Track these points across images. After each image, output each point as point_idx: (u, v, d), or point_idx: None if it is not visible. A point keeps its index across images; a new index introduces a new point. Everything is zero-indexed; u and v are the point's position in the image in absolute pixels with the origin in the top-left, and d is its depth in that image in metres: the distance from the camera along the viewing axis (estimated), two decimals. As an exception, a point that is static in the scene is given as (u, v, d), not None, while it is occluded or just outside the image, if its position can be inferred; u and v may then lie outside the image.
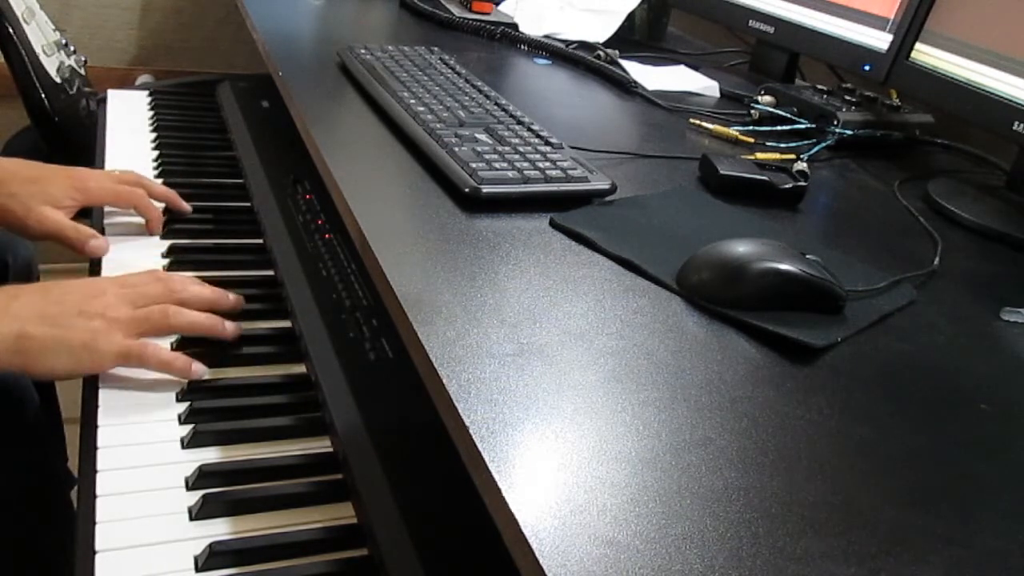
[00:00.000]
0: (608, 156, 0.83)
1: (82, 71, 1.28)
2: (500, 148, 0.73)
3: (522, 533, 0.37)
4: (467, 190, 0.67)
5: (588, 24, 1.29)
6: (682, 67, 1.22)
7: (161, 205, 0.89)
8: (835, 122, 0.97)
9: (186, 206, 0.90)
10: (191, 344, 0.70)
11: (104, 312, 0.65)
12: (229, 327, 0.71)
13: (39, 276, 1.09)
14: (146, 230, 0.86)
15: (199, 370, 0.67)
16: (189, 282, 0.72)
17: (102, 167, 1.02)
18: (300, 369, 0.71)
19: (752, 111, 1.03)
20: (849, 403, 0.50)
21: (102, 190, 0.83)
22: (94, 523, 0.54)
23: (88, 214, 0.87)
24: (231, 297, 0.74)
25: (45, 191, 0.79)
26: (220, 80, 1.31)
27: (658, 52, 1.34)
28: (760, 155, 0.88)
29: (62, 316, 0.64)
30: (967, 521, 0.42)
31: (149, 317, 0.67)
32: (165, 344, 0.69)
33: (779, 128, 0.99)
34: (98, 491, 0.56)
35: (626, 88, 1.09)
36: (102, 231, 0.85)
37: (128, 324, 0.66)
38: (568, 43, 1.23)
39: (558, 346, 0.50)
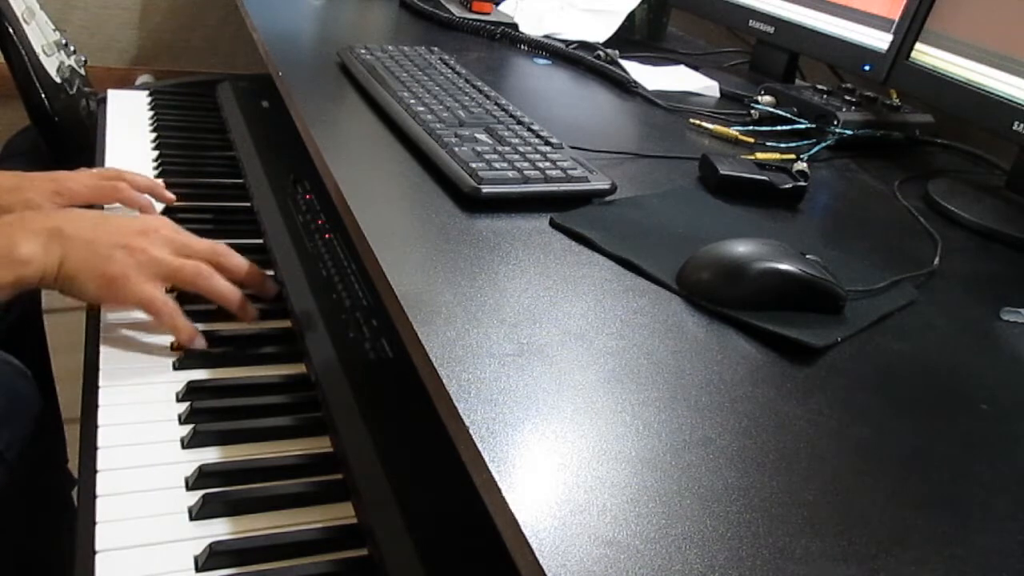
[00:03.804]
0: (608, 156, 0.83)
1: (82, 71, 1.27)
2: (500, 148, 0.73)
3: (522, 533, 0.37)
4: (467, 190, 0.67)
5: (588, 24, 1.29)
6: (682, 67, 1.22)
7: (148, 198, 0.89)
8: (835, 122, 0.97)
9: (170, 196, 0.90)
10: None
11: (146, 249, 0.68)
12: (250, 310, 0.73)
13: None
14: None
15: (200, 343, 0.70)
16: (235, 252, 0.75)
17: (102, 167, 1.02)
18: (300, 369, 0.71)
19: (752, 111, 1.03)
20: (849, 403, 0.50)
21: (82, 187, 0.84)
22: (94, 523, 0.54)
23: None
24: (270, 284, 0.77)
25: (27, 199, 0.79)
26: (220, 80, 1.31)
27: (658, 52, 1.34)
28: (760, 155, 0.88)
29: (106, 246, 0.68)
30: (967, 521, 0.42)
31: (182, 269, 0.70)
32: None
33: (779, 128, 0.99)
34: (98, 491, 0.56)
35: (626, 88, 1.09)
36: None
37: (161, 268, 0.69)
38: (568, 43, 1.23)
39: (558, 346, 0.50)
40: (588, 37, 1.25)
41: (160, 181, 0.92)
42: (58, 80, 1.18)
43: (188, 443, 0.61)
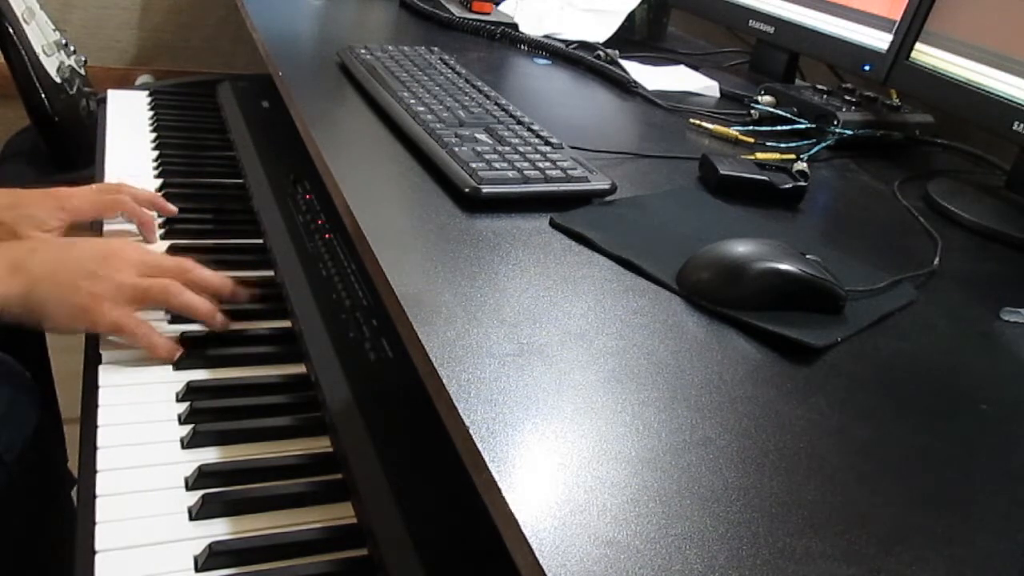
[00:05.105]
0: (608, 156, 0.83)
1: (82, 71, 1.28)
2: (500, 148, 0.73)
3: (522, 533, 0.37)
4: (467, 190, 0.67)
5: (588, 24, 1.29)
6: (682, 67, 1.22)
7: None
8: (835, 122, 0.97)
9: (172, 208, 0.89)
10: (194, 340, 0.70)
11: (112, 276, 0.68)
12: (219, 320, 0.73)
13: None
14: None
15: (177, 353, 0.70)
16: (201, 266, 0.75)
17: (102, 167, 1.02)
18: (300, 369, 0.71)
19: (752, 111, 1.03)
20: (849, 403, 0.50)
21: (86, 203, 0.83)
22: (94, 523, 0.54)
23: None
24: (241, 292, 0.76)
25: (30, 215, 0.78)
26: (220, 80, 1.31)
27: (658, 52, 1.34)
28: (760, 155, 0.88)
29: (71, 275, 0.67)
30: (967, 521, 0.42)
31: (150, 290, 0.70)
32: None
33: (779, 128, 0.99)
34: (98, 491, 0.56)
35: (626, 88, 1.09)
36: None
37: (130, 292, 0.69)
38: (568, 43, 1.23)
39: (558, 346, 0.50)
40: (588, 37, 1.25)
41: (160, 194, 0.91)
42: (58, 80, 1.18)
43: (188, 443, 0.61)
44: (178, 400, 0.66)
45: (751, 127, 0.99)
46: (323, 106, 0.85)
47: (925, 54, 0.92)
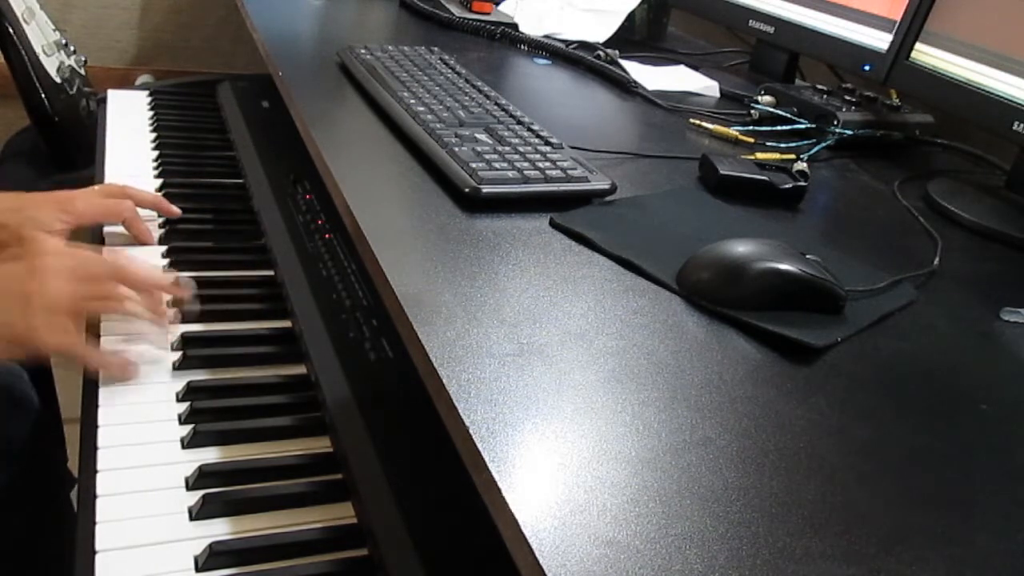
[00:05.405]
0: (608, 156, 0.83)
1: (82, 71, 1.28)
2: (500, 148, 0.73)
3: (522, 533, 0.37)
4: (467, 190, 0.67)
5: (588, 24, 1.29)
6: (682, 67, 1.22)
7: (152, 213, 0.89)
8: (835, 122, 0.97)
9: (176, 210, 0.88)
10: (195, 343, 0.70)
11: (43, 292, 0.62)
12: (165, 321, 0.71)
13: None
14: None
15: (133, 370, 0.67)
16: (133, 263, 0.70)
17: (102, 167, 1.02)
18: (300, 369, 0.71)
19: (752, 111, 1.03)
20: (849, 403, 0.50)
21: (90, 207, 0.81)
22: (94, 523, 0.54)
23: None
24: (179, 288, 0.72)
25: (33, 217, 0.77)
26: (220, 80, 1.31)
27: (658, 52, 1.34)
28: (760, 155, 0.88)
29: None
30: (967, 521, 0.42)
31: (93, 303, 0.66)
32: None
33: (779, 128, 0.99)
34: (98, 491, 0.56)
35: (626, 88, 1.09)
36: (102, 241, 0.85)
37: (69, 305, 0.64)
38: (568, 43, 1.23)
39: (558, 346, 0.50)
40: (588, 37, 1.25)
41: (163, 197, 0.91)
42: (58, 80, 1.18)
43: (188, 443, 0.61)
44: (178, 400, 0.66)
45: (751, 127, 0.99)
46: (323, 106, 0.85)
47: (925, 54, 0.92)
